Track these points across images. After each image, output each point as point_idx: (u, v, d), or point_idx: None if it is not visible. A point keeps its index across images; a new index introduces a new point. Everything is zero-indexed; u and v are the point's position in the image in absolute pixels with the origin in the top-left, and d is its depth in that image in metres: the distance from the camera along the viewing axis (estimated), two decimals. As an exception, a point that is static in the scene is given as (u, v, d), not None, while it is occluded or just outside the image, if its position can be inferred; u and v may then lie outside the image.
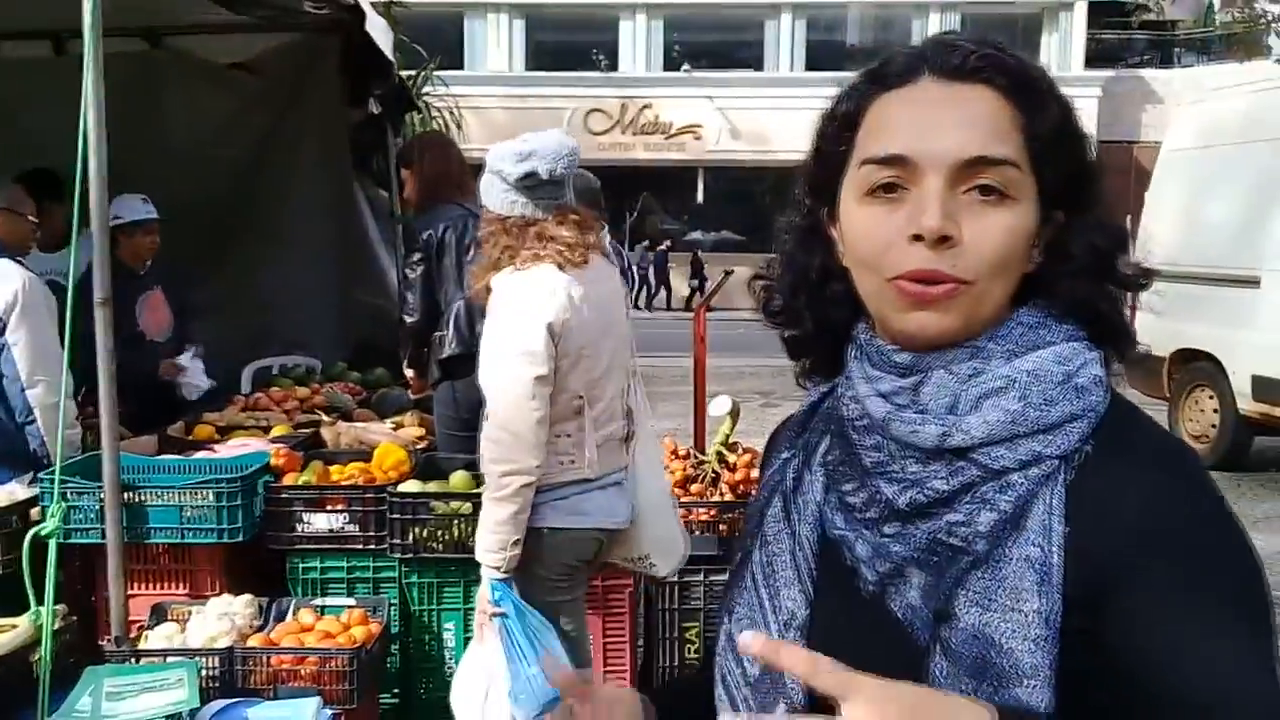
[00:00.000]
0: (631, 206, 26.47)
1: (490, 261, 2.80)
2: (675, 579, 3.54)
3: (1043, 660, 0.82)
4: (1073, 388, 0.89)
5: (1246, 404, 7.66)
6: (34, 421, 3.62)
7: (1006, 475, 0.87)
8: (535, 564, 2.79)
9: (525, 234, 2.77)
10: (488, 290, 2.78)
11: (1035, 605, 0.83)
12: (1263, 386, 7.48)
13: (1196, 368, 8.20)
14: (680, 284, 24.93)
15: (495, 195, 2.80)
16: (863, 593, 0.92)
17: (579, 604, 2.97)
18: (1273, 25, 16.36)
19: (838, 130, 0.97)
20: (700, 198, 26.76)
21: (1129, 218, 9.10)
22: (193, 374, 4.75)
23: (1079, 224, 0.93)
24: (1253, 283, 7.54)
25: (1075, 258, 0.93)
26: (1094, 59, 24.36)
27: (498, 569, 2.70)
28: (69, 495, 3.23)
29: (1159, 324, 8.50)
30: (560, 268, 2.75)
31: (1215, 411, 8.05)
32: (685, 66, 25.21)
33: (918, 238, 0.88)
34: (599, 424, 2.83)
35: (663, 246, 25.26)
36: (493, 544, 2.70)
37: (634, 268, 4.92)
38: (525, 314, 2.70)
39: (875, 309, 0.94)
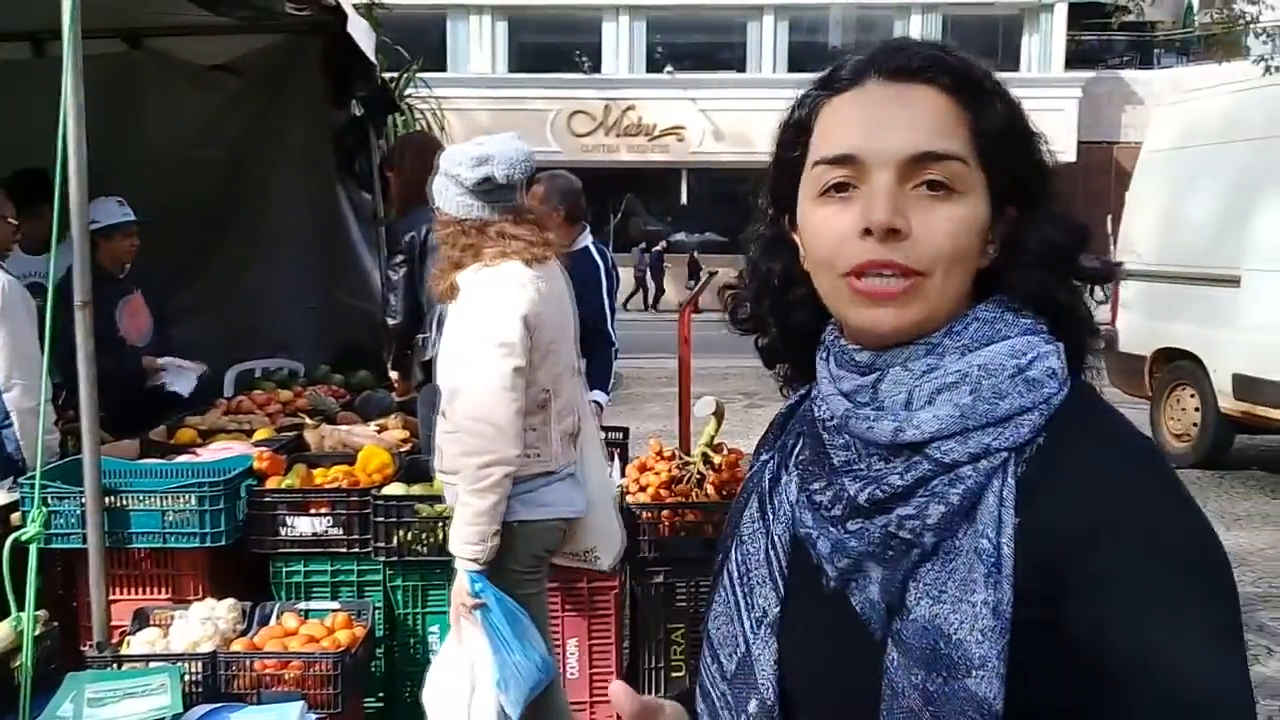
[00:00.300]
0: (615, 208, 26.47)
1: (452, 262, 2.83)
2: (661, 580, 3.54)
3: (990, 651, 0.83)
4: (1024, 380, 0.90)
5: (1228, 402, 7.70)
6: (10, 425, 3.59)
7: (957, 468, 0.88)
8: (506, 557, 2.80)
9: (485, 234, 2.81)
10: (452, 289, 2.81)
11: (984, 596, 0.84)
12: (1243, 385, 7.53)
13: (1178, 367, 8.24)
14: (675, 286, 24.96)
15: (450, 198, 2.84)
16: (825, 589, 0.94)
17: (544, 597, 3.00)
18: (1252, 26, 16.49)
19: (793, 137, 1.00)
20: (684, 199, 26.78)
21: (1110, 217, 9.18)
22: (174, 372, 4.72)
23: (1033, 219, 0.95)
24: (1233, 282, 7.59)
25: (1030, 250, 0.94)
26: (1074, 60, 24.49)
27: (476, 561, 2.71)
28: (50, 500, 3.20)
29: (1140, 323, 8.56)
30: (527, 263, 2.80)
31: (1197, 410, 8.09)
32: (668, 68, 25.24)
33: (868, 232, 0.90)
34: (560, 417, 2.89)
35: (658, 247, 25.28)
36: (472, 536, 2.70)
37: (615, 269, 4.90)
38: (499, 307, 2.74)
39: (834, 307, 0.96)
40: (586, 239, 4.75)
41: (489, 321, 2.73)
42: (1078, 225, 0.97)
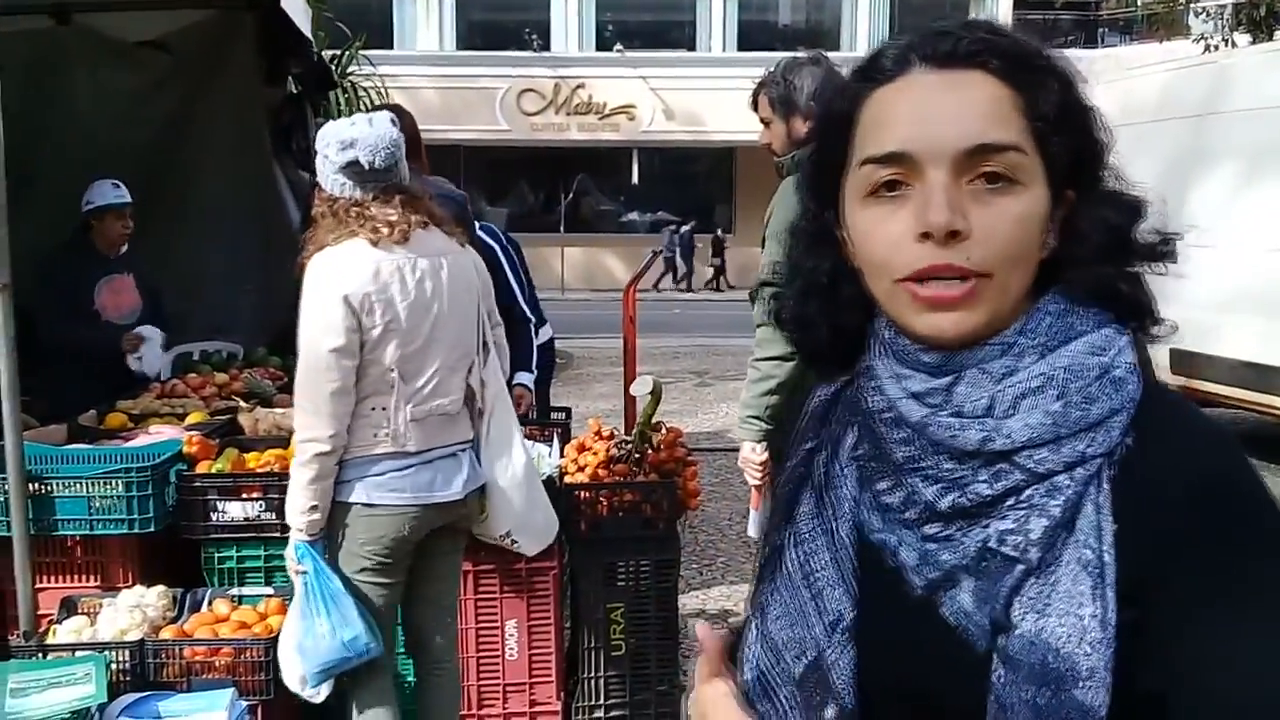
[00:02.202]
0: (567, 188, 26.36)
1: (317, 245, 2.83)
2: (600, 559, 3.53)
3: (1099, 662, 0.81)
4: (1110, 381, 0.87)
5: (1165, 377, 7.83)
6: None
7: (1053, 478, 0.85)
8: (345, 538, 2.85)
9: (348, 215, 2.81)
10: (301, 268, 2.82)
11: (1092, 610, 0.82)
12: (1180, 359, 7.66)
13: (1117, 342, 8.36)
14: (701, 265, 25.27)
15: (326, 175, 2.84)
16: (911, 596, 0.90)
17: (387, 590, 2.91)
18: (1192, 5, 16.71)
19: (835, 131, 0.95)
20: (635, 178, 26.71)
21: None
22: (149, 353, 4.85)
23: (1091, 200, 0.91)
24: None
25: (1090, 237, 0.90)
26: (1021, 39, 24.69)
27: (301, 531, 2.79)
28: (-30, 487, 3.12)
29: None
30: (374, 244, 2.77)
31: (1136, 384, 8.22)
32: (618, 46, 25.10)
33: (926, 235, 0.86)
34: (418, 399, 2.84)
35: (687, 228, 25.28)
36: (294, 507, 2.80)
37: (511, 245, 4.94)
38: (323, 287, 2.74)
39: (892, 312, 0.92)
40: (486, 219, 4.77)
41: (311, 301, 2.76)
42: (1132, 199, 0.93)
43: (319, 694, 2.86)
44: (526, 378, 4.67)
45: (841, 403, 1.02)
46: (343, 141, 2.78)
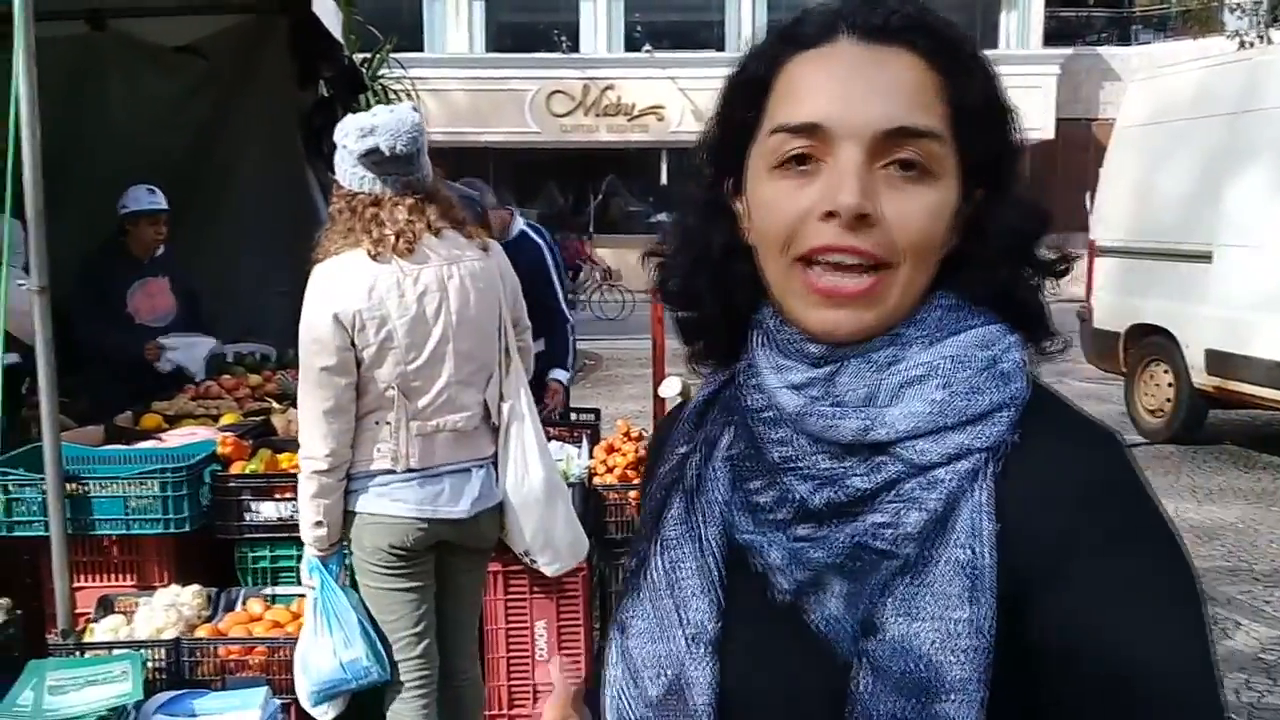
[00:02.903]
0: (596, 189, 26.38)
1: (323, 251, 2.77)
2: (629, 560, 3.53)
3: (972, 672, 0.76)
4: (997, 374, 0.83)
5: (1200, 378, 7.75)
6: None
7: (932, 470, 0.80)
8: (350, 544, 2.84)
9: (363, 215, 2.73)
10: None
11: (965, 614, 0.76)
12: (1216, 360, 7.57)
13: (1151, 343, 8.29)
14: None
15: (345, 170, 2.77)
16: (776, 602, 0.84)
17: (408, 597, 2.84)
18: (1226, 2, 16.53)
19: (747, 95, 0.88)
20: (664, 178, 26.70)
21: (1089, 194, 9.18)
22: (184, 351, 4.91)
23: (998, 202, 0.87)
24: (1205, 257, 7.62)
25: (993, 239, 0.86)
26: (1053, 37, 24.47)
27: (310, 546, 2.79)
28: (10, 488, 3.18)
29: (1114, 300, 8.59)
30: (374, 256, 2.69)
31: (1170, 386, 8.14)
32: (647, 47, 25.10)
33: (831, 215, 0.81)
34: (422, 415, 2.77)
35: None
36: (302, 523, 2.80)
37: (555, 246, 4.98)
38: (316, 302, 2.70)
39: (783, 300, 0.86)
40: (519, 223, 4.79)
41: (305, 316, 2.72)
42: (1039, 209, 0.90)
43: (326, 713, 2.81)
44: (562, 375, 4.71)
45: (719, 403, 0.96)
46: (362, 129, 2.71)
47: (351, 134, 2.73)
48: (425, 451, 2.78)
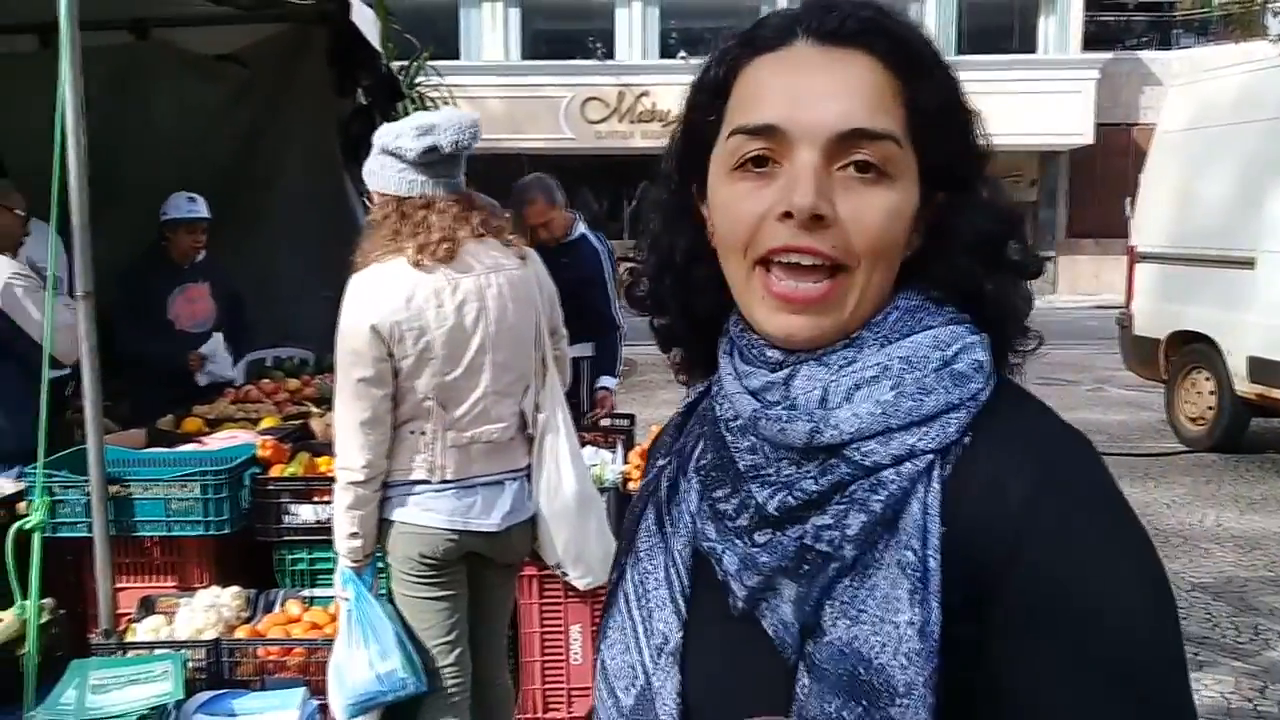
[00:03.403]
0: (630, 195, 26.42)
1: (364, 257, 2.72)
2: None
3: (917, 677, 0.74)
4: (950, 374, 0.81)
5: (1243, 385, 7.64)
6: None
7: (879, 472, 0.79)
8: (382, 552, 2.82)
9: (415, 218, 2.69)
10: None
11: (909, 616, 0.75)
12: (1259, 368, 7.46)
13: (1193, 350, 8.18)
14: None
15: (390, 176, 2.72)
16: (733, 611, 0.83)
17: (440, 605, 2.82)
18: (1269, 6, 16.31)
19: (707, 98, 0.89)
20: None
21: (1129, 200, 9.09)
22: (215, 362, 4.96)
23: (962, 204, 0.86)
24: (1248, 264, 7.52)
25: (957, 237, 0.85)
26: (1092, 41, 24.25)
27: (345, 558, 2.75)
28: (55, 489, 3.23)
29: (1155, 307, 8.49)
30: (417, 264, 2.65)
31: (1212, 394, 8.03)
32: (681, 54, 25.13)
33: (788, 215, 0.80)
34: (458, 426, 2.74)
35: None
36: (337, 533, 2.76)
37: (612, 253, 5.01)
38: (353, 313, 2.66)
39: (742, 303, 0.86)
40: (581, 227, 4.81)
41: (342, 326, 2.69)
42: (1008, 211, 0.89)
43: None
44: (611, 382, 4.74)
45: (695, 415, 0.97)
46: (419, 128, 2.66)
47: (407, 134, 2.67)
48: (460, 463, 2.76)
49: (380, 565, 2.86)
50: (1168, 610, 0.77)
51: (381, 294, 2.65)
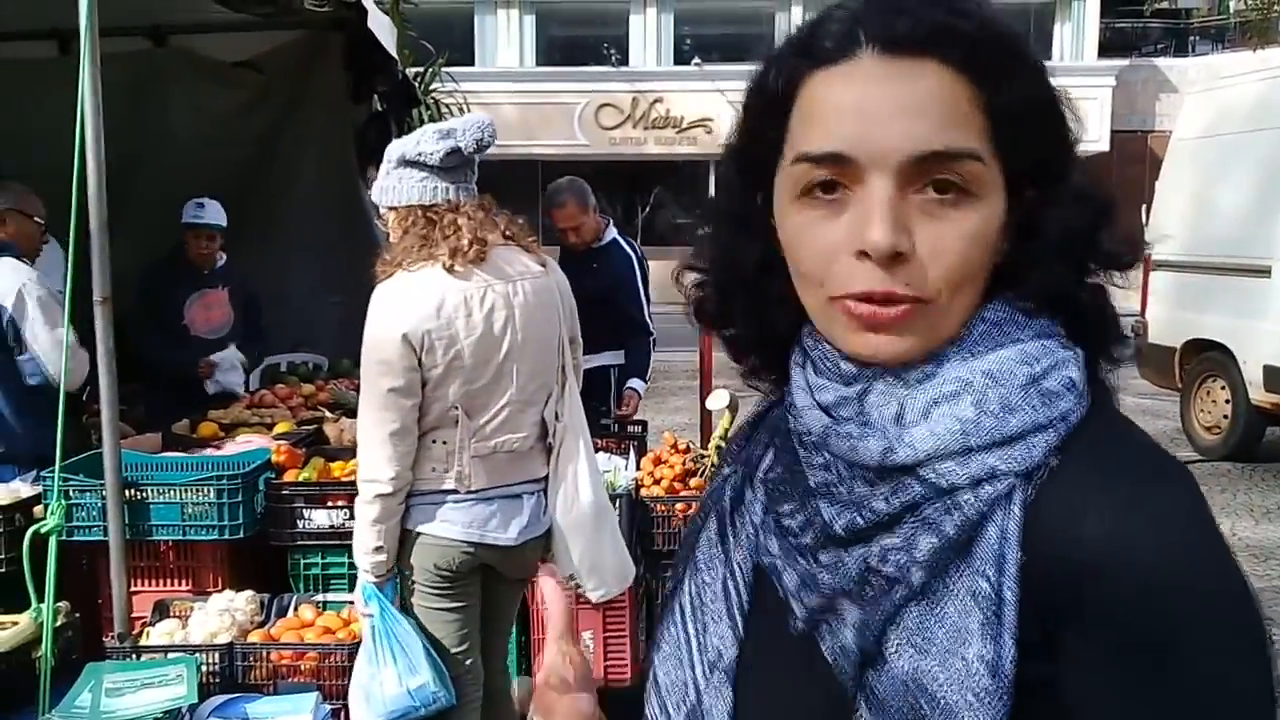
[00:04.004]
0: (644, 202, 26.44)
1: (393, 264, 2.69)
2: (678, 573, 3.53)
3: (986, 717, 0.68)
4: (1039, 392, 0.75)
5: (1258, 394, 7.60)
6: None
7: (955, 494, 0.73)
8: (402, 563, 2.79)
9: (444, 221, 2.66)
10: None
11: (979, 650, 0.69)
12: (1275, 377, 7.42)
13: (1208, 358, 8.14)
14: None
15: (409, 186, 2.68)
16: (792, 629, 0.79)
17: (454, 616, 2.80)
18: (1287, 12, 16.27)
19: (769, 111, 0.82)
20: (713, 191, 26.69)
21: (1145, 207, 9.05)
22: (226, 373, 4.98)
23: (1051, 198, 0.79)
24: (1264, 272, 7.48)
25: (1047, 240, 0.78)
26: (1108, 48, 24.18)
27: (368, 573, 2.72)
28: (71, 493, 3.25)
29: (1170, 315, 8.45)
30: (450, 269, 2.63)
31: (1227, 402, 7.99)
32: (696, 60, 25.15)
33: (864, 254, 0.74)
34: (482, 435, 2.72)
35: None
36: (359, 547, 2.73)
37: (644, 258, 5.02)
38: (383, 322, 2.64)
39: (822, 326, 0.81)
40: (612, 231, 4.82)
41: (371, 335, 2.67)
42: (1099, 198, 0.81)
43: None
44: (639, 385, 4.77)
45: (764, 425, 0.92)
46: (439, 132, 2.64)
47: (427, 141, 2.65)
48: (483, 473, 2.74)
49: (403, 578, 2.83)
50: (1263, 664, 0.70)
51: (411, 303, 2.63)
